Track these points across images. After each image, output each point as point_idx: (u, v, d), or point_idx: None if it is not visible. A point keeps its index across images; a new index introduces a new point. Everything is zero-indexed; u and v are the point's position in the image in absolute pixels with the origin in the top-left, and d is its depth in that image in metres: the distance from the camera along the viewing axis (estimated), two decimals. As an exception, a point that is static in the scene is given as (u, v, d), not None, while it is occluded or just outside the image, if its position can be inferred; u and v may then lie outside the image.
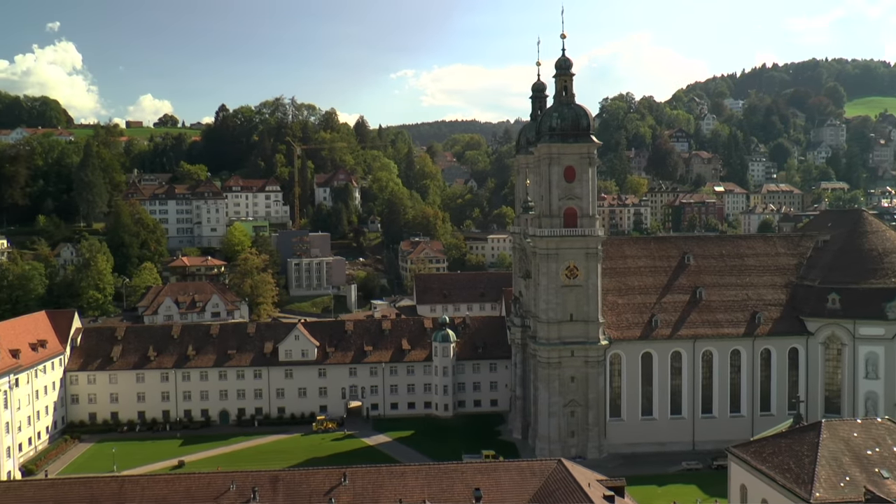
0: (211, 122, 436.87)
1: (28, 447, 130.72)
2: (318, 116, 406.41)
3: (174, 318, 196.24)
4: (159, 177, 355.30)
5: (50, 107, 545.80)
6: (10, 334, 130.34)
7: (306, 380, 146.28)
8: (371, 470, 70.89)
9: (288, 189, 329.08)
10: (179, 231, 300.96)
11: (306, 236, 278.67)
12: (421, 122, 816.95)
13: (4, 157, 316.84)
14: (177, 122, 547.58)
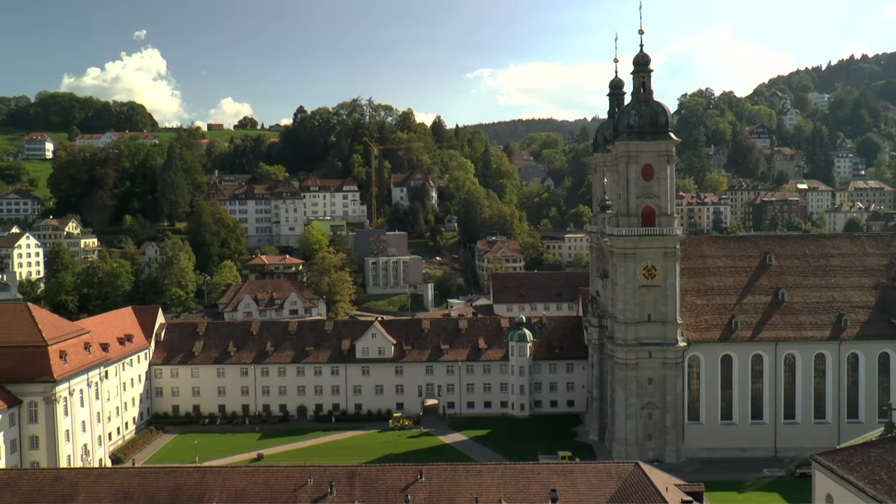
0: (289, 124, 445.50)
1: (117, 436, 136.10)
2: (395, 117, 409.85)
3: (253, 314, 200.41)
4: (239, 177, 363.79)
5: (136, 111, 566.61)
6: (100, 329, 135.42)
7: (383, 377, 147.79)
8: (447, 468, 71.06)
9: (365, 189, 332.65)
10: (258, 230, 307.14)
11: (383, 235, 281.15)
12: (497, 121, 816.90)
13: (95, 161, 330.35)
14: (256, 125, 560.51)
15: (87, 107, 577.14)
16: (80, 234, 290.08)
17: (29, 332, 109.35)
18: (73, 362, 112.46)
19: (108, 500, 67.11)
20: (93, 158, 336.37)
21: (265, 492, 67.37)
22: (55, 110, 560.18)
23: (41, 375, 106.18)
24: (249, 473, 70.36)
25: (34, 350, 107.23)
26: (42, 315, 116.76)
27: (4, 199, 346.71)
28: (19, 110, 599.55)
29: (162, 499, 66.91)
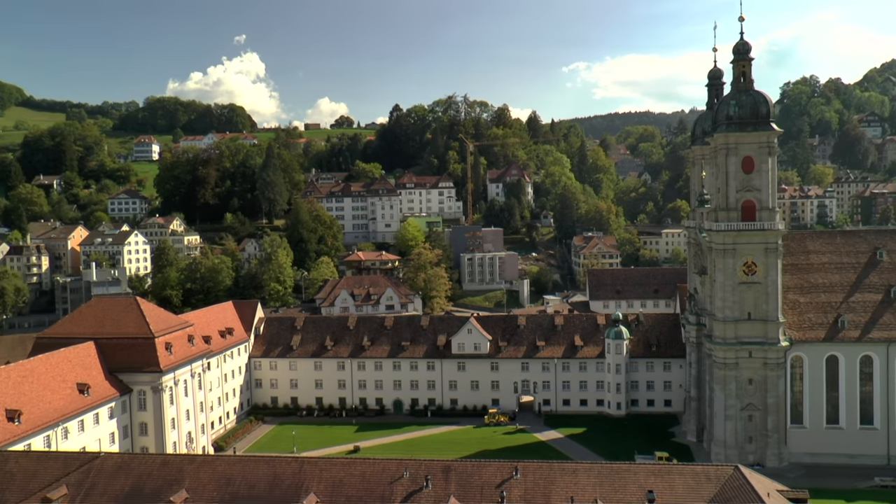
0: (385, 122, 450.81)
1: (219, 426, 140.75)
2: (490, 113, 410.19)
3: (350, 309, 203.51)
4: (336, 175, 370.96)
5: (236, 113, 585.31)
6: (203, 322, 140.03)
7: (479, 373, 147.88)
8: (543, 465, 70.51)
9: (461, 185, 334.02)
10: (355, 227, 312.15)
11: (479, 231, 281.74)
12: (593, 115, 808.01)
13: (198, 161, 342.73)
14: (352, 123, 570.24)
15: (191, 110, 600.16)
16: (183, 231, 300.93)
17: (138, 324, 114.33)
18: (178, 354, 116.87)
19: (210, 485, 69.42)
20: (195, 159, 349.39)
21: (362, 484, 68.28)
22: (161, 114, 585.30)
23: (149, 366, 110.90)
24: (346, 465, 71.34)
25: (142, 342, 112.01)
26: (149, 309, 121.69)
27: (115, 199, 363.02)
28: (129, 115, 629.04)
29: (262, 487, 68.72)
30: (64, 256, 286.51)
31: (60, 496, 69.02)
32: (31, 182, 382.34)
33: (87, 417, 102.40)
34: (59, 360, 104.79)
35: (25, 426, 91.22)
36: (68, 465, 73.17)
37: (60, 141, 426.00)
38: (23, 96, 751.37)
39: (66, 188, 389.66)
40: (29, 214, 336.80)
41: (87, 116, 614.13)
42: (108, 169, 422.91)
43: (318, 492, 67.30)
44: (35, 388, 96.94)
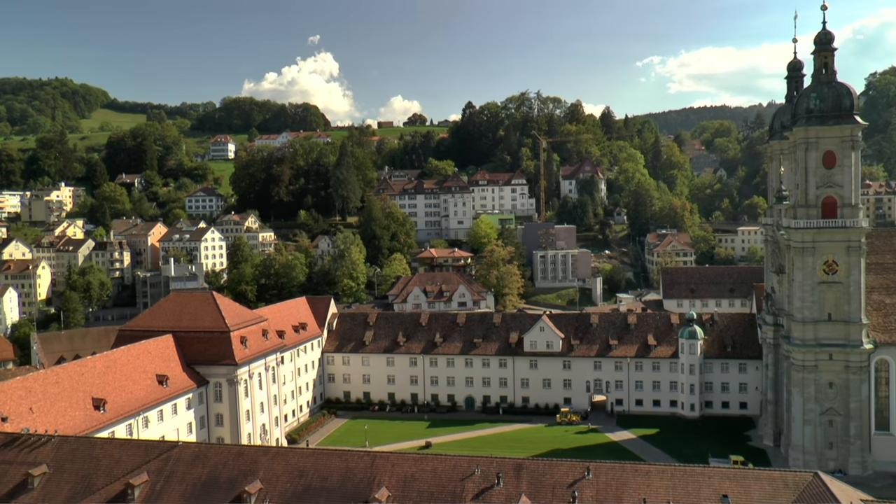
0: (458, 120, 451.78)
1: (292, 418, 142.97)
2: (563, 109, 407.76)
3: (422, 306, 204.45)
4: (409, 173, 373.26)
5: (310, 112, 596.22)
6: (277, 317, 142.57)
7: (551, 371, 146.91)
8: (615, 466, 69.38)
9: (534, 182, 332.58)
10: (427, 224, 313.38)
11: (552, 228, 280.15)
12: (668, 110, 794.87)
13: (272, 160, 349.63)
14: (425, 121, 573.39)
15: (266, 110, 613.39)
16: (258, 228, 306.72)
17: (214, 318, 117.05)
18: (253, 347, 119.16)
19: (284, 477, 70.44)
20: (270, 158, 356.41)
21: (433, 479, 68.36)
22: (237, 114, 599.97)
23: (225, 359, 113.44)
24: (418, 460, 71.49)
25: (219, 335, 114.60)
26: (225, 303, 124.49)
27: (193, 197, 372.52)
28: (206, 115, 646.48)
29: (334, 479, 69.40)
30: (144, 252, 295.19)
31: (142, 482, 71.17)
32: (114, 181, 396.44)
33: (166, 407, 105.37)
34: (140, 351, 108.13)
35: (110, 414, 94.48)
36: (149, 453, 75.37)
37: (141, 141, 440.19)
38: (107, 99, 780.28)
39: (147, 186, 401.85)
40: (112, 212, 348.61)
41: (167, 117, 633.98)
42: (186, 168, 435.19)
43: (390, 486, 67.68)
44: (118, 378, 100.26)
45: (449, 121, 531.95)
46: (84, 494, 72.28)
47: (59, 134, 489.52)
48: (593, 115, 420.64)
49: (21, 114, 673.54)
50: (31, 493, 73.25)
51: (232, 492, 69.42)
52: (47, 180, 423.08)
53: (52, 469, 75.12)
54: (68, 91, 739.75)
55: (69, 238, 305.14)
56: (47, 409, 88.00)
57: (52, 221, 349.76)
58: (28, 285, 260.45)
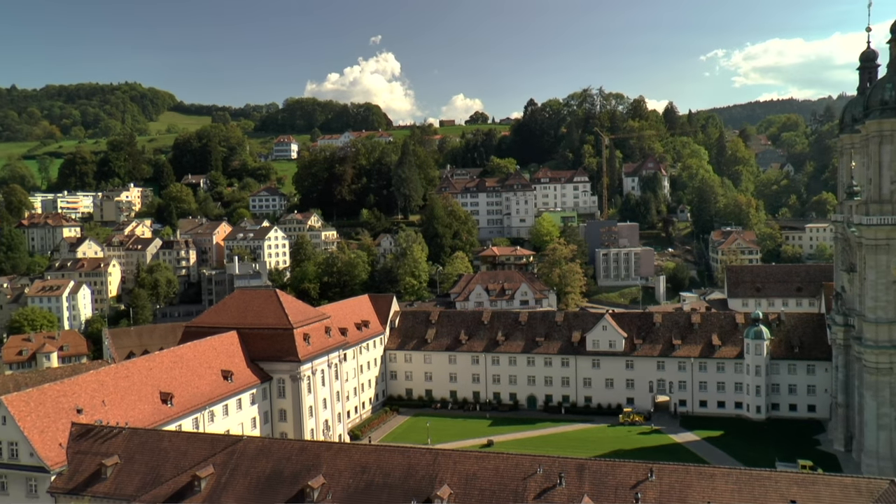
0: (520, 117, 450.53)
1: (354, 415, 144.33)
2: (625, 105, 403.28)
3: (484, 304, 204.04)
4: (470, 171, 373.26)
5: (372, 112, 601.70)
6: (339, 314, 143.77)
7: (613, 371, 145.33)
8: (679, 468, 68.30)
9: (596, 179, 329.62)
10: (489, 222, 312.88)
11: (614, 226, 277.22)
12: (732, 105, 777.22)
13: (334, 159, 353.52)
14: (487, 119, 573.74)
15: (328, 110, 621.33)
16: (321, 227, 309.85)
17: (277, 316, 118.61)
18: (316, 344, 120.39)
19: (346, 472, 71.09)
20: (332, 157, 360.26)
21: (495, 478, 68.20)
22: (299, 114, 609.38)
23: (288, 355, 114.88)
24: (480, 459, 71.39)
25: (282, 332, 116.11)
26: (288, 301, 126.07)
27: (256, 196, 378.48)
28: (269, 116, 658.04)
29: (396, 476, 69.76)
30: (209, 251, 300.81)
31: (208, 474, 72.74)
32: (180, 181, 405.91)
33: (231, 402, 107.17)
34: (206, 347, 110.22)
35: (177, 408, 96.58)
36: (214, 447, 76.96)
37: (207, 142, 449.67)
38: (174, 102, 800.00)
39: (212, 186, 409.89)
40: (178, 211, 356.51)
41: (231, 119, 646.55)
42: (250, 168, 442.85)
43: (452, 484, 67.71)
44: (184, 373, 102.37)
45: (511, 118, 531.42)
46: (153, 485, 74.22)
47: (129, 136, 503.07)
48: (656, 111, 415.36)
49: (94, 118, 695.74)
50: (104, 482, 76.02)
51: (295, 486, 70.33)
52: (117, 181, 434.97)
53: (124, 460, 77.48)
54: (137, 95, 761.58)
55: (138, 237, 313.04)
56: (118, 401, 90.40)
57: (122, 221, 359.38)
58: (100, 283, 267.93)
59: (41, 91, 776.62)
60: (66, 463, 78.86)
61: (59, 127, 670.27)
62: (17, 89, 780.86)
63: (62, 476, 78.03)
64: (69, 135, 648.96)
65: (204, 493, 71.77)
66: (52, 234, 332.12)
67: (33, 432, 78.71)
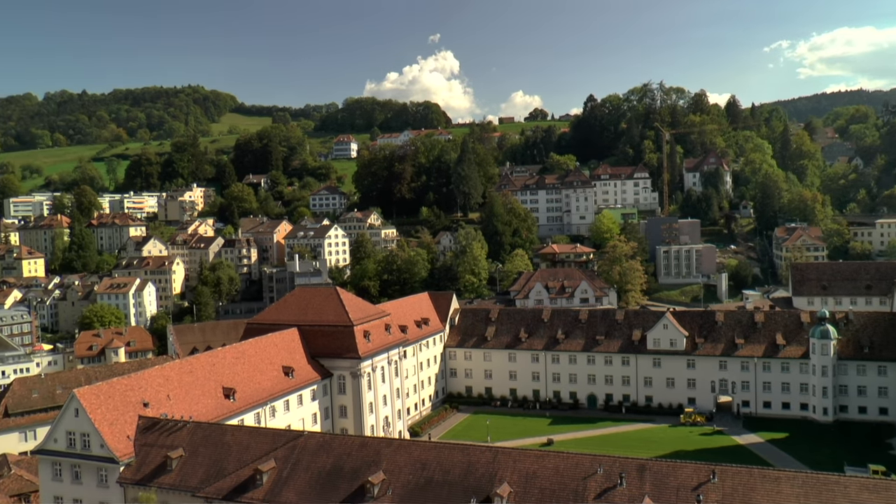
0: (579, 113, 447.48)
1: (414, 412, 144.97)
2: (686, 99, 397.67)
3: (544, 302, 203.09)
4: (530, 168, 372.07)
5: (431, 110, 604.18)
6: (399, 312, 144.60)
7: (674, 370, 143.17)
8: (742, 470, 66.70)
9: (656, 175, 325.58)
10: (549, 219, 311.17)
11: (675, 223, 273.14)
12: (798, 97, 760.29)
13: (394, 158, 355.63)
14: (546, 116, 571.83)
15: (387, 109, 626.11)
16: (380, 225, 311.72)
17: (337, 313, 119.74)
18: (376, 341, 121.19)
19: (406, 469, 71.40)
20: (392, 156, 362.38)
21: (555, 477, 67.71)
22: (359, 114, 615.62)
23: (348, 352, 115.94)
24: (540, 457, 70.93)
25: (342, 329, 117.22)
26: (348, 298, 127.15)
27: (317, 195, 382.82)
28: (329, 116, 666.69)
29: (456, 473, 69.79)
30: (270, 249, 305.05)
31: (269, 468, 73.89)
32: (242, 181, 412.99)
33: (292, 398, 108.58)
34: (267, 344, 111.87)
35: (239, 403, 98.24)
36: (276, 441, 78.13)
37: (267, 143, 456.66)
38: (235, 103, 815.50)
39: (272, 186, 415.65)
40: (240, 210, 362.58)
41: (291, 119, 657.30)
42: (310, 167, 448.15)
43: (512, 482, 67.46)
44: (246, 369, 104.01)
45: (570, 115, 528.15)
46: (216, 477, 75.70)
47: (192, 138, 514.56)
48: (718, 105, 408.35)
49: (158, 120, 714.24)
50: (169, 474, 77.90)
51: (355, 481, 70.89)
52: (181, 182, 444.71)
53: (188, 453, 79.22)
54: (200, 97, 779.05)
55: (201, 236, 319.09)
56: (182, 396, 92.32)
57: (186, 220, 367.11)
58: (164, 280, 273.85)
59: (109, 95, 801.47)
60: (134, 454, 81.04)
61: (126, 130, 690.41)
62: (87, 94, 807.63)
63: (130, 467, 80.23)
64: (135, 137, 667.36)
65: (266, 486, 72.85)
66: (119, 233, 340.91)
67: (103, 424, 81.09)
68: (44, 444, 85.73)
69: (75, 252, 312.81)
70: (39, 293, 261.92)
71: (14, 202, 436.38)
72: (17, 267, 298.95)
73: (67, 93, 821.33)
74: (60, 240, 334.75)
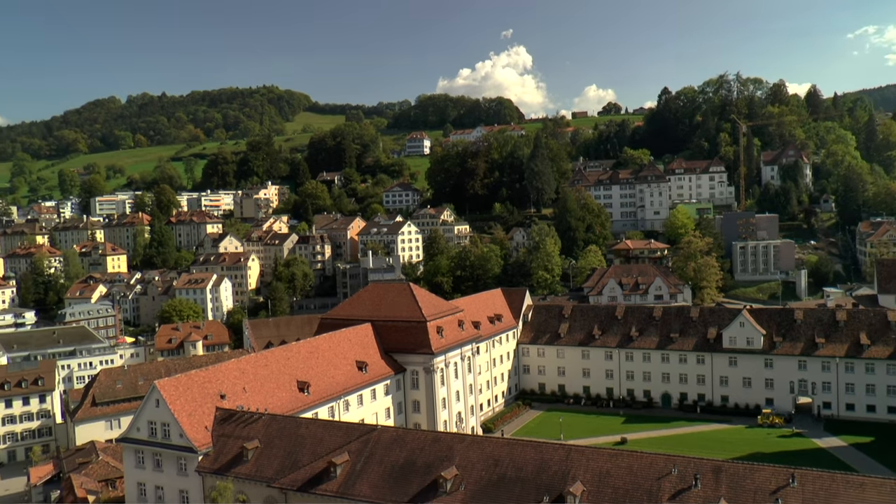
0: (653, 107, 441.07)
1: (487, 408, 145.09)
2: (764, 90, 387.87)
3: (618, 299, 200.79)
4: (603, 163, 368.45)
5: (504, 106, 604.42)
6: (472, 308, 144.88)
7: (751, 369, 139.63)
8: (823, 475, 64.43)
9: (733, 169, 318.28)
10: (623, 215, 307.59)
11: (752, 218, 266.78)
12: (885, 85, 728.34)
13: (467, 154, 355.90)
14: (620, 110, 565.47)
15: (460, 105, 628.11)
16: (453, 221, 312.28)
17: (411, 308, 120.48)
18: (449, 337, 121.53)
19: (479, 464, 71.44)
20: (464, 152, 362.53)
21: (628, 476, 66.86)
22: (432, 111, 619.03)
23: (421, 348, 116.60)
24: (613, 456, 70.12)
25: (415, 325, 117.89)
26: (421, 294, 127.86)
27: (390, 192, 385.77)
28: (402, 113, 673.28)
29: (529, 470, 69.52)
30: (344, 245, 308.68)
31: (343, 461, 74.96)
32: (315, 179, 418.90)
33: (366, 392, 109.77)
34: (341, 339, 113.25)
35: (313, 396, 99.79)
36: (349, 435, 79.16)
37: (341, 140, 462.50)
38: (309, 102, 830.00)
39: (346, 183, 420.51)
40: (314, 207, 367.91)
41: (364, 117, 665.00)
42: (383, 164, 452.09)
43: (585, 480, 66.93)
44: (320, 363, 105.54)
45: (644, 108, 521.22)
46: (291, 469, 77.15)
47: (267, 137, 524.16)
48: (797, 95, 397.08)
49: (234, 120, 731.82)
50: (246, 464, 79.90)
51: (428, 476, 71.23)
52: (256, 180, 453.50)
53: (263, 444, 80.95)
54: (274, 97, 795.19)
55: (275, 232, 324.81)
56: (258, 389, 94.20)
57: (261, 217, 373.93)
58: (240, 276, 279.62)
59: (187, 97, 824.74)
60: (212, 444, 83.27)
61: (203, 130, 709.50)
62: (166, 96, 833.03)
63: (208, 457, 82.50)
64: (212, 137, 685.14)
65: (339, 479, 73.80)
66: (196, 230, 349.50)
67: (182, 415, 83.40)
68: (127, 433, 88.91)
69: (155, 248, 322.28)
70: (122, 288, 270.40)
71: (99, 201, 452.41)
72: (102, 263, 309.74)
73: (148, 95, 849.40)
74: (141, 237, 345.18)
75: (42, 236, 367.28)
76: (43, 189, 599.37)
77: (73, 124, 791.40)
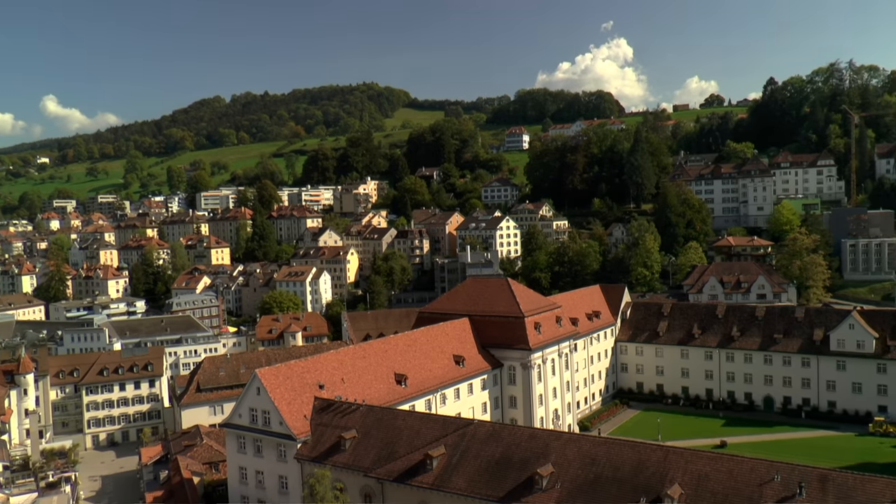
0: (758, 98, 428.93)
1: (584, 406, 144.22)
2: (880, 78, 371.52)
3: (718, 297, 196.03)
4: (705, 157, 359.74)
5: (604, 99, 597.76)
6: (570, 304, 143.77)
7: (862, 374, 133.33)
8: (943, 488, 60.68)
9: (843, 162, 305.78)
10: (725, 210, 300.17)
11: (864, 214, 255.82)
12: None
13: (566, 148, 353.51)
14: (723, 102, 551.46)
15: (559, 99, 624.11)
16: (552, 216, 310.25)
17: (508, 304, 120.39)
18: (546, 333, 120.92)
19: (576, 463, 70.68)
20: (563, 147, 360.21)
21: (728, 481, 64.69)
22: (531, 105, 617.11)
23: (519, 343, 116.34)
24: (712, 460, 68.08)
25: (513, 320, 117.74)
26: (519, 290, 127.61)
27: (489, 187, 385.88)
28: (500, 108, 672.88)
29: (626, 470, 68.33)
30: (442, 240, 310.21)
31: (439, 454, 75.43)
32: (414, 174, 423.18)
33: (462, 387, 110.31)
34: (438, 333, 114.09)
35: (410, 389, 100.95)
36: (446, 428, 79.63)
37: (439, 136, 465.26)
38: (408, 99, 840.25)
39: (444, 178, 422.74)
40: (413, 202, 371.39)
41: (463, 112, 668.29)
42: (482, 159, 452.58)
43: (683, 483, 65.31)
44: (417, 356, 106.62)
45: (748, 100, 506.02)
46: (388, 459, 78.17)
47: (366, 133, 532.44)
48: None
49: (334, 117, 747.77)
50: (343, 454, 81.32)
51: (524, 472, 70.96)
52: (355, 175, 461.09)
53: (361, 434, 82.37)
54: (374, 94, 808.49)
55: (374, 227, 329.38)
56: (356, 380, 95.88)
57: (360, 212, 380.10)
58: (339, 269, 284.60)
59: (288, 95, 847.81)
60: (310, 433, 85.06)
61: (304, 127, 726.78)
62: (268, 95, 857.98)
63: (307, 445, 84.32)
64: (312, 133, 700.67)
65: (436, 471, 74.32)
66: (297, 224, 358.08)
67: (282, 403, 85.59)
68: (230, 419, 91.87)
69: (257, 242, 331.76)
70: (225, 279, 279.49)
71: (205, 196, 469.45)
72: (207, 255, 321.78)
73: (251, 94, 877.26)
74: (244, 230, 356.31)
75: (152, 229, 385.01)
76: (153, 185, 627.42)
77: (181, 123, 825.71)
